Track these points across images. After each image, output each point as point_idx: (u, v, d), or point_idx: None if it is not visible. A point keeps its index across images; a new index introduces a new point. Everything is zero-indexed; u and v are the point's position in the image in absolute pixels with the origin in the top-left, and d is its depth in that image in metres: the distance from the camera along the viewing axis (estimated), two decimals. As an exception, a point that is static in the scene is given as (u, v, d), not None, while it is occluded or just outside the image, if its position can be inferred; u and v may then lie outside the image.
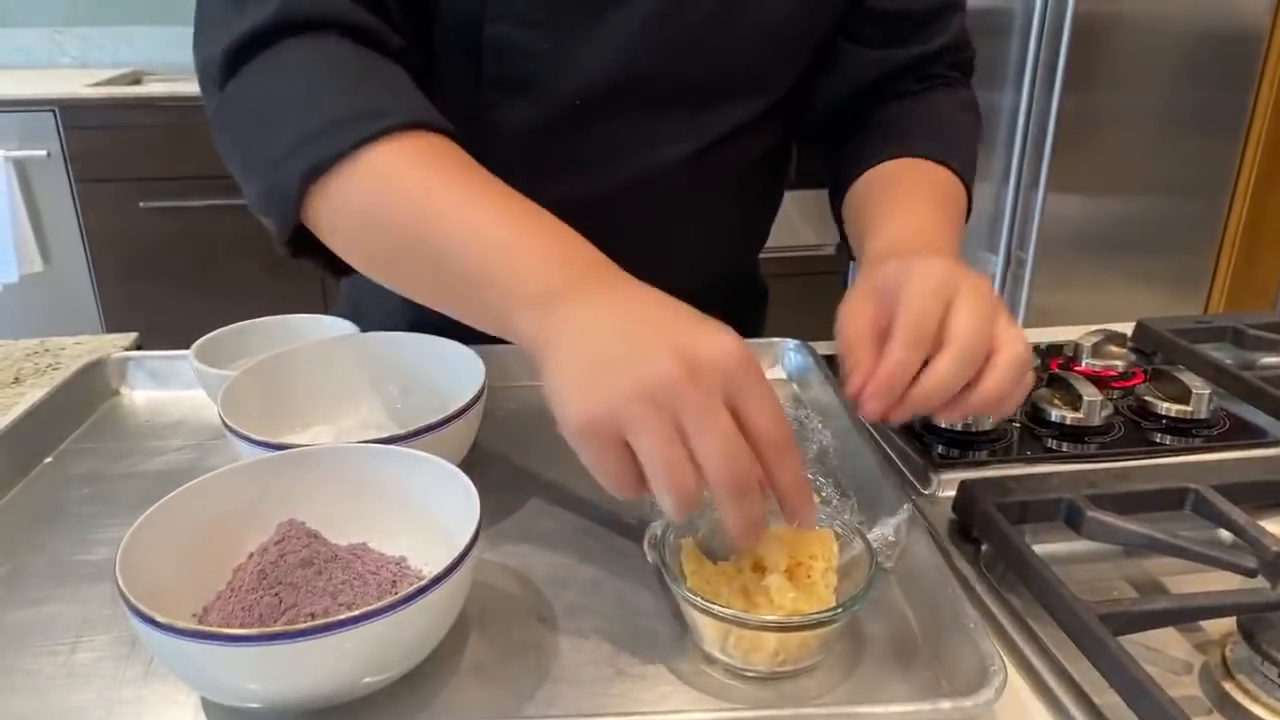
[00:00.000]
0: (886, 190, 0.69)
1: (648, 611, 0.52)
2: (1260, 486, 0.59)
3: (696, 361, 0.42)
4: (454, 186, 0.53)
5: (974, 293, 0.52)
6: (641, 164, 0.74)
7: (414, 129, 0.55)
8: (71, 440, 0.71)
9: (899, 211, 0.65)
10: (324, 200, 0.55)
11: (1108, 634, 0.46)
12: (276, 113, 0.57)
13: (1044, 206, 2.47)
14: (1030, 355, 0.52)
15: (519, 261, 0.50)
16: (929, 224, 0.63)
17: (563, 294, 0.48)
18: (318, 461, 0.53)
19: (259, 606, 0.46)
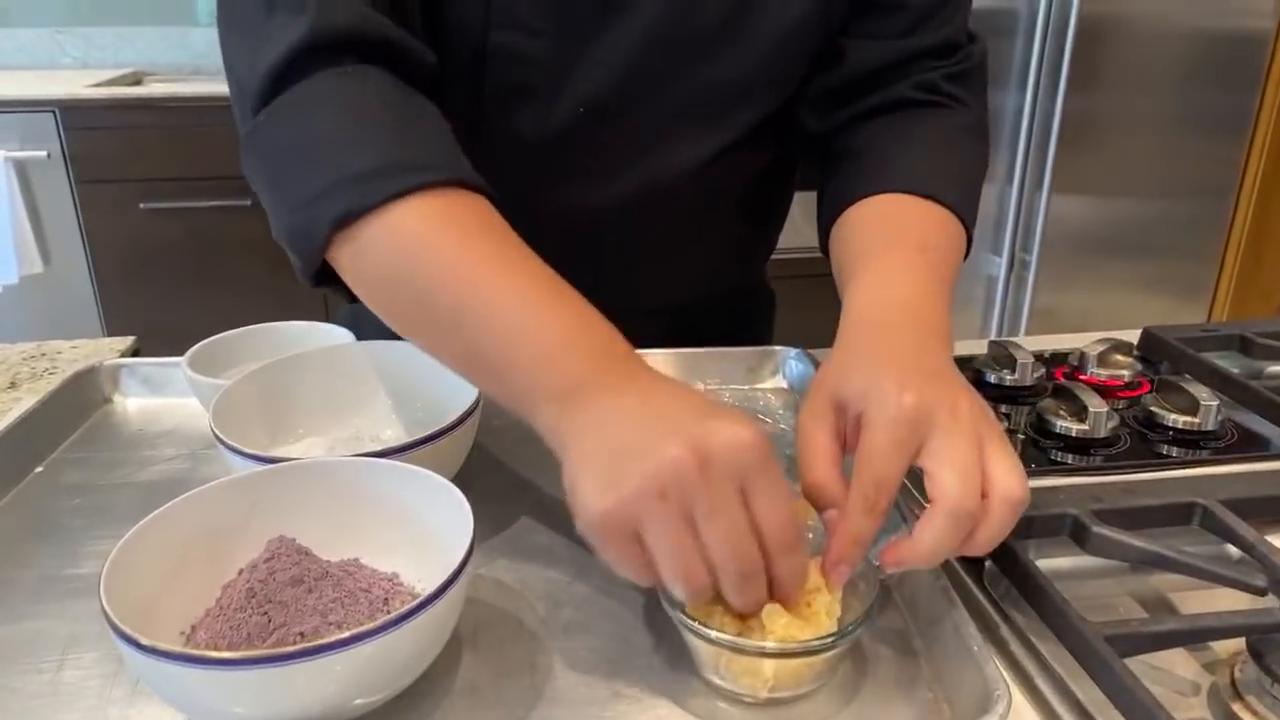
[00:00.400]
0: (868, 239, 0.62)
1: (644, 630, 0.51)
2: (1269, 501, 0.58)
3: (708, 454, 0.42)
4: (483, 257, 0.52)
5: (954, 430, 0.46)
6: (649, 173, 0.73)
7: (450, 186, 0.54)
8: (63, 449, 0.70)
9: (879, 270, 0.58)
10: (351, 247, 0.54)
11: (1114, 656, 0.45)
12: (310, 152, 0.56)
13: (1048, 208, 2.46)
14: (1026, 491, 0.47)
15: (542, 353, 0.49)
16: (912, 286, 0.56)
17: (582, 390, 0.47)
18: (309, 476, 0.53)
19: (247, 625, 0.45)
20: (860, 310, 0.56)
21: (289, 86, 0.56)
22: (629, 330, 0.81)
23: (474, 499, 0.61)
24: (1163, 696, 0.48)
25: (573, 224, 0.75)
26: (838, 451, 0.49)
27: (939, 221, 0.63)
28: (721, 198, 0.78)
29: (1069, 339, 0.89)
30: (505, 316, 0.50)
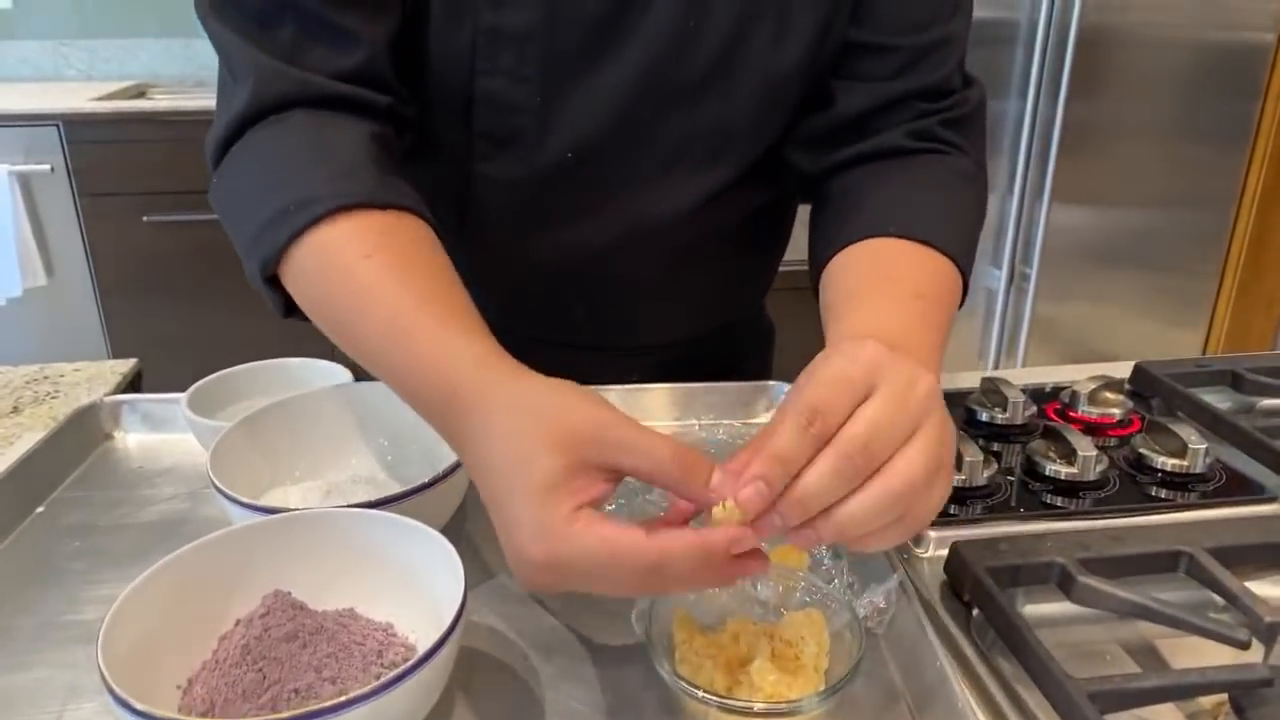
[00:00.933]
0: (858, 281, 0.60)
1: (635, 681, 0.52)
2: (1255, 549, 0.59)
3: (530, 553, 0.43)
4: (363, 279, 0.55)
5: (937, 421, 0.43)
6: (638, 215, 0.74)
7: (345, 211, 0.56)
8: (63, 488, 0.71)
9: (868, 311, 0.56)
10: (286, 281, 0.59)
11: (1097, 715, 0.45)
12: (238, 206, 0.61)
13: (1048, 218, 2.47)
14: (947, 490, 0.44)
15: (412, 392, 0.52)
16: (901, 328, 0.52)
17: (449, 433, 0.50)
18: (304, 527, 0.53)
19: (242, 683, 0.46)
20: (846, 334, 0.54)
21: (232, 148, 0.63)
22: (623, 367, 0.81)
23: (469, 540, 0.62)
24: (1147, 749, 0.49)
25: (563, 264, 0.76)
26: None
27: (935, 269, 0.61)
28: (714, 238, 0.79)
29: (1063, 372, 0.90)
30: (380, 355, 0.54)
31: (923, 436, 0.42)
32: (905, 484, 0.42)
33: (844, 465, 0.41)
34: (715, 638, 0.50)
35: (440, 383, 0.49)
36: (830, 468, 0.41)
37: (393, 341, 0.52)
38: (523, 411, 0.45)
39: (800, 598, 0.52)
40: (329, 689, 0.46)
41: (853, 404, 0.42)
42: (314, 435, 0.67)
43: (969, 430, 0.75)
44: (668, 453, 0.43)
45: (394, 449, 0.68)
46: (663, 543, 0.41)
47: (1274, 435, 0.72)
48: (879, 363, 0.43)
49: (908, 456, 0.42)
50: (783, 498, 0.41)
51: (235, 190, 0.62)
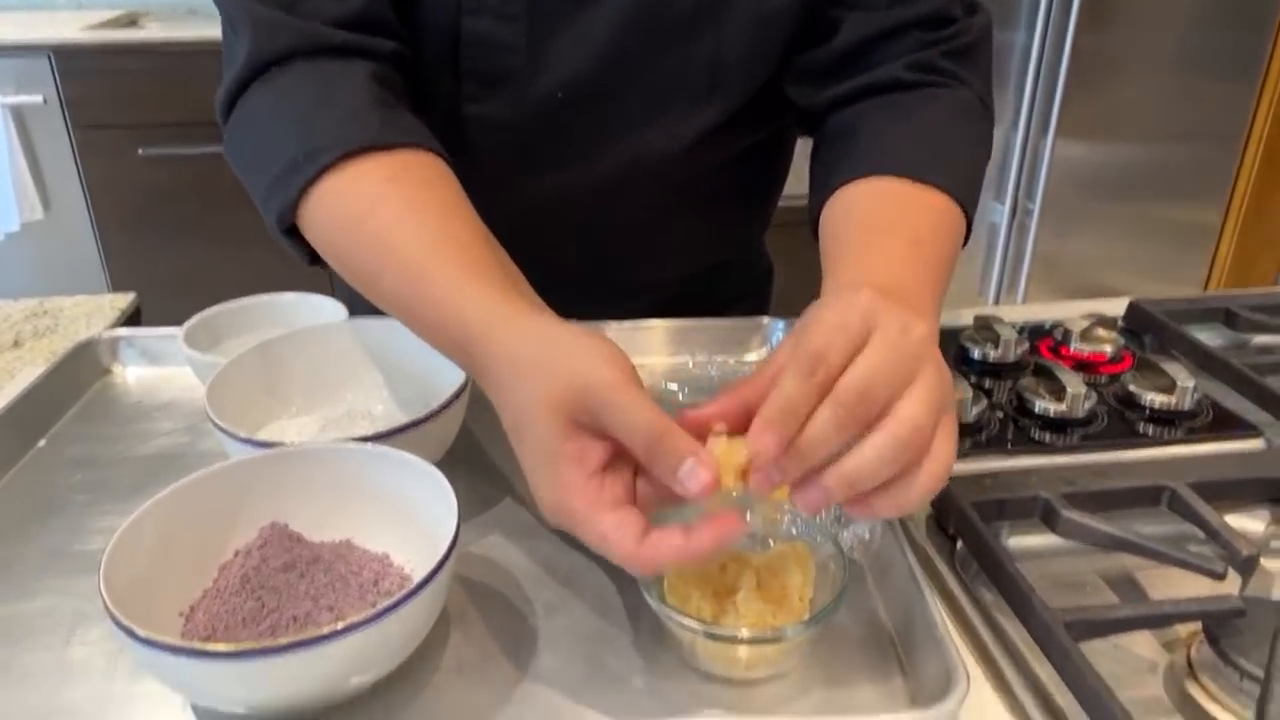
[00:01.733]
0: (856, 227, 0.59)
1: (624, 608, 0.53)
2: (1235, 484, 0.60)
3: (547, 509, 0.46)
4: (375, 227, 0.55)
5: (934, 367, 0.43)
6: (631, 154, 0.73)
7: (352, 157, 0.57)
8: (64, 422, 0.72)
9: (866, 262, 0.54)
10: (304, 231, 0.60)
11: (1071, 643, 0.47)
12: (249, 164, 0.62)
13: (1053, 151, 2.44)
14: (953, 442, 0.44)
15: (432, 333, 0.54)
16: (897, 279, 0.51)
17: (471, 369, 0.52)
18: (300, 461, 0.54)
19: (242, 610, 0.47)
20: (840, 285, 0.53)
21: (238, 103, 0.63)
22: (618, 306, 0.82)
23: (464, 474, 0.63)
24: (1120, 675, 0.51)
25: (556, 205, 0.75)
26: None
27: (935, 210, 0.59)
28: (709, 177, 0.78)
29: (1059, 309, 0.90)
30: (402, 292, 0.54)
31: (921, 382, 0.42)
32: (911, 429, 0.41)
33: (843, 414, 0.41)
34: (704, 569, 0.52)
35: (455, 333, 0.51)
36: (829, 417, 0.41)
37: (408, 290, 0.54)
38: (522, 371, 0.46)
39: (787, 529, 0.54)
40: (327, 616, 0.47)
41: (851, 352, 0.42)
42: (310, 370, 0.67)
43: (962, 367, 0.76)
44: (643, 429, 0.42)
45: (390, 383, 0.69)
46: (650, 553, 0.42)
47: (1263, 372, 0.72)
48: (874, 309, 0.43)
49: (910, 401, 0.42)
50: (830, 472, 0.42)
51: (244, 146, 0.63)
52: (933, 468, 0.43)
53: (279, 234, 0.61)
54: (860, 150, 0.64)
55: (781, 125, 0.80)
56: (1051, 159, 2.45)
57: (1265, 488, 0.60)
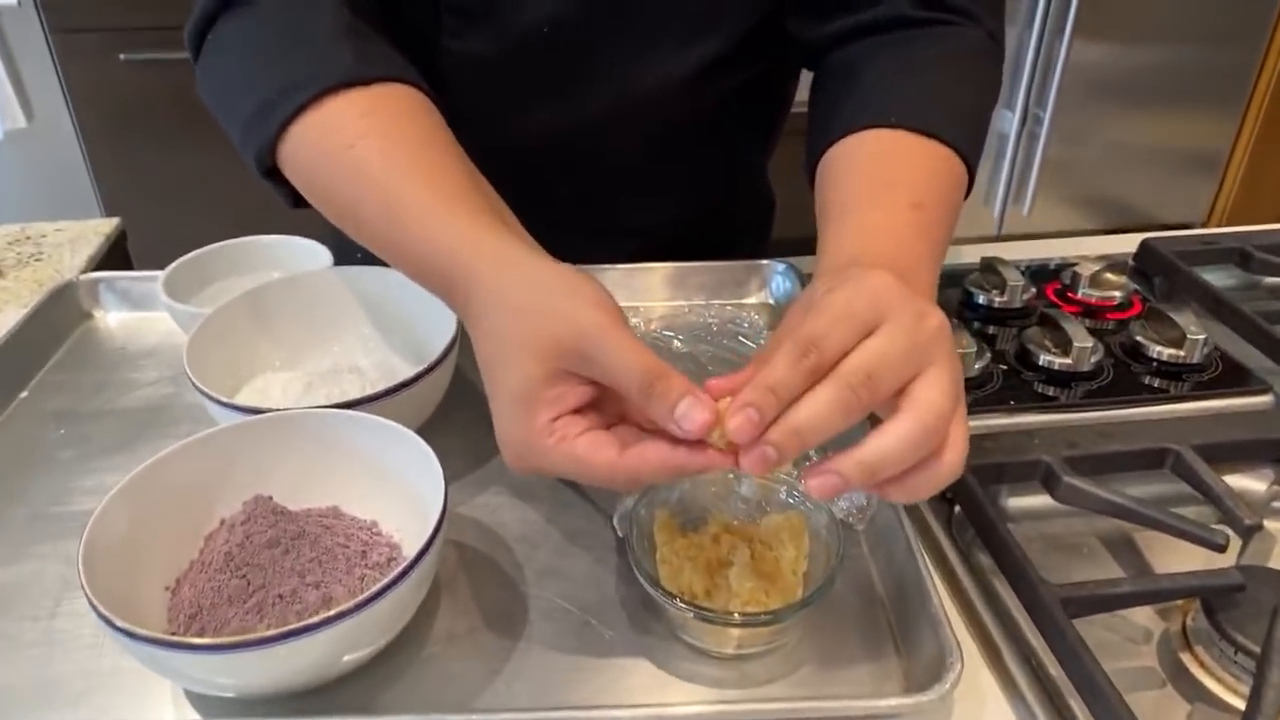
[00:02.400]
0: (855, 185, 0.56)
1: (616, 576, 0.53)
2: (1242, 446, 0.58)
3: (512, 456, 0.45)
4: (354, 163, 0.53)
5: (947, 356, 0.41)
6: (622, 90, 0.70)
7: (329, 94, 0.54)
8: (46, 371, 0.70)
9: (865, 227, 0.52)
10: (284, 171, 0.58)
11: (1067, 621, 0.46)
12: (223, 102, 0.60)
13: (1068, 55, 2.36)
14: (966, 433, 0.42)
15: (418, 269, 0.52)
16: (895, 248, 0.50)
17: (455, 304, 0.50)
18: (285, 427, 0.53)
19: (227, 588, 0.46)
20: (836, 260, 0.50)
21: (208, 38, 0.61)
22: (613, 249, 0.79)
23: (456, 431, 0.62)
24: (1114, 644, 0.51)
25: (545, 144, 0.72)
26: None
27: (936, 167, 0.56)
28: (704, 115, 0.75)
29: (1068, 245, 0.87)
30: (388, 229, 0.52)
31: (936, 369, 0.40)
32: (936, 415, 0.39)
33: (846, 395, 0.39)
34: (696, 539, 0.51)
35: (438, 267, 0.49)
36: (830, 396, 0.39)
37: (388, 225, 0.52)
38: (505, 311, 0.45)
39: (783, 498, 0.53)
40: (313, 594, 0.46)
41: (856, 338, 0.40)
42: (296, 322, 0.66)
43: (965, 313, 0.74)
44: (637, 371, 0.41)
45: (377, 335, 0.67)
46: (634, 465, 0.41)
47: (1275, 319, 0.70)
48: (887, 296, 0.41)
49: (930, 387, 0.40)
50: (776, 426, 0.39)
51: (217, 85, 0.61)
52: (951, 458, 0.41)
53: (260, 176, 0.59)
54: (862, 95, 0.61)
55: (783, 60, 0.76)
56: (1066, 63, 2.37)
57: (1272, 448, 0.59)
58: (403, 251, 0.52)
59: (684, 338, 0.72)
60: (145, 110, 2.26)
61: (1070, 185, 2.63)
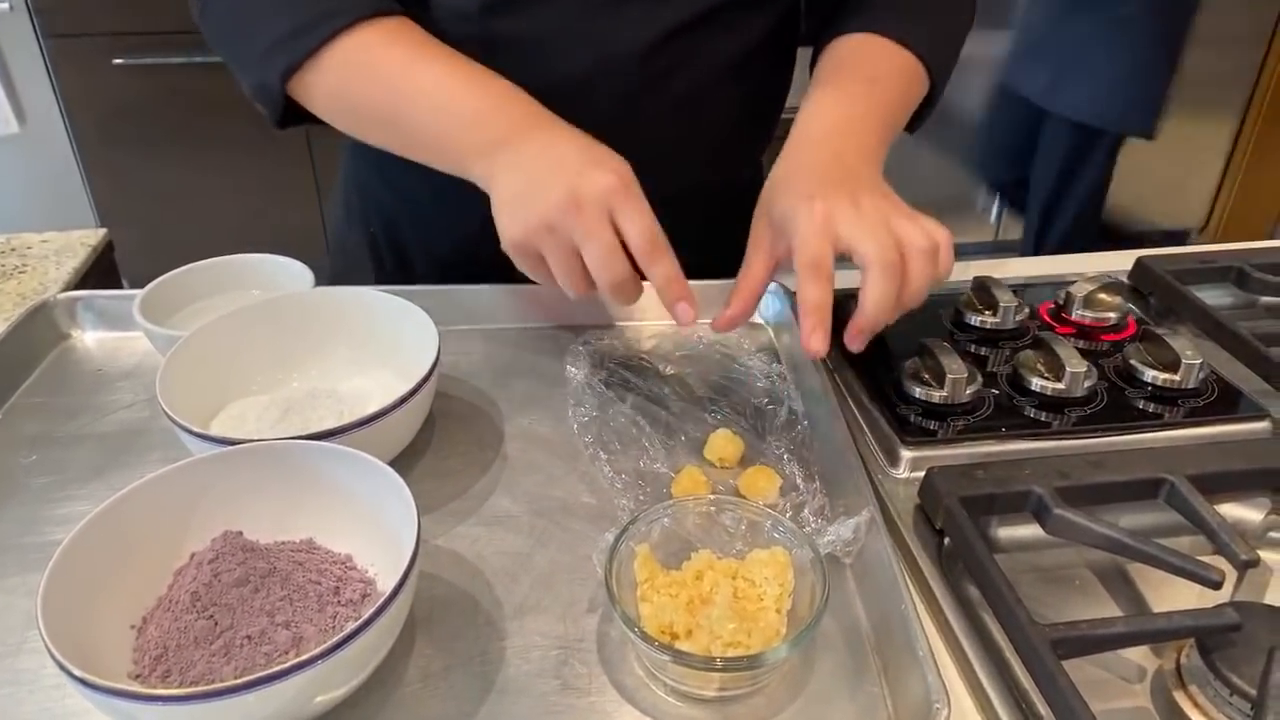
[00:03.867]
0: (827, 70, 0.71)
1: (599, 614, 0.51)
2: (1238, 475, 0.57)
3: (581, 196, 0.55)
4: (406, 59, 0.63)
5: (858, 217, 0.57)
6: (595, 54, 0.70)
7: (367, 20, 0.63)
8: (21, 392, 0.69)
9: (825, 97, 0.67)
10: (303, 88, 0.65)
11: (1057, 664, 0.45)
12: (250, 18, 0.66)
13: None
14: (934, 237, 0.57)
15: (468, 120, 0.61)
16: (847, 109, 0.66)
17: (500, 145, 0.60)
18: (259, 459, 0.52)
19: (194, 629, 0.45)
20: (799, 128, 0.66)
21: None
22: None
23: (438, 459, 0.61)
24: (1106, 682, 0.49)
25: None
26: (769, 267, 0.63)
27: (899, 64, 0.70)
28: (689, 85, 0.74)
29: (1063, 262, 0.86)
30: (432, 98, 0.62)
31: (866, 240, 0.56)
32: (886, 261, 0.57)
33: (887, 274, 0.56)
34: (678, 575, 0.50)
35: (502, 120, 0.61)
36: (882, 292, 0.56)
37: (447, 95, 0.62)
38: (569, 139, 0.60)
39: (768, 532, 0.51)
40: (283, 634, 0.45)
41: (834, 248, 0.57)
42: (271, 345, 0.64)
43: (958, 335, 0.73)
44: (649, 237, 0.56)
45: (354, 358, 0.66)
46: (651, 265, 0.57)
47: (1271, 341, 0.69)
48: (831, 209, 0.57)
49: (864, 249, 0.56)
50: (856, 327, 0.58)
51: (235, 8, 0.66)
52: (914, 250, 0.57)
53: (266, 92, 0.66)
54: (847, 15, 0.74)
55: (781, 33, 0.77)
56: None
57: (1268, 477, 0.58)
58: (455, 113, 0.61)
59: (673, 359, 0.71)
60: (138, 115, 2.25)
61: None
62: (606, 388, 0.67)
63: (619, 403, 0.66)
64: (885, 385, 0.66)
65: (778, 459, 0.61)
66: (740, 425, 0.64)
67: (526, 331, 0.76)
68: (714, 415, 0.65)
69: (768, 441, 0.63)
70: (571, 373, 0.68)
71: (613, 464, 0.61)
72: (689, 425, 0.64)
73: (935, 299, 0.76)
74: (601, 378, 0.68)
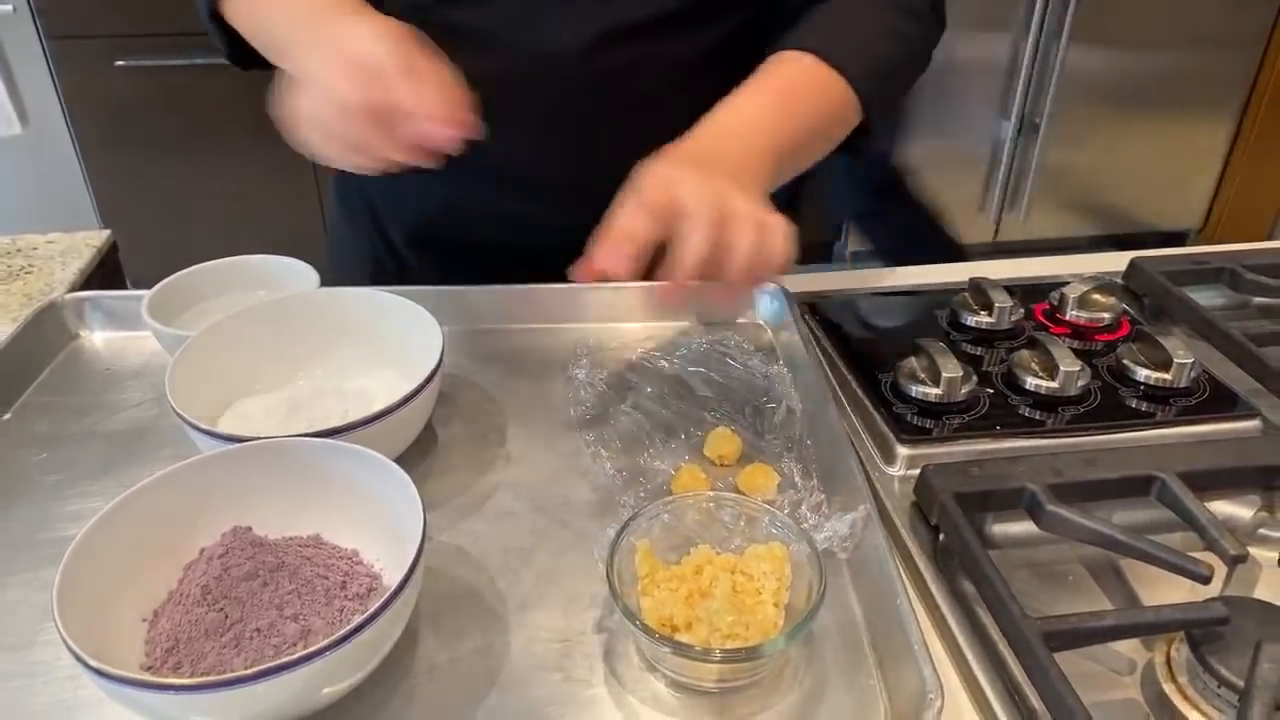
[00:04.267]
0: (752, 77, 0.69)
1: (601, 605, 0.52)
2: (1228, 473, 0.58)
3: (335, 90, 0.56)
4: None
5: (702, 182, 0.56)
6: (535, 49, 0.72)
7: None
8: (31, 391, 0.70)
9: (734, 99, 0.66)
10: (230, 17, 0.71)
11: (1049, 656, 0.46)
12: None
13: (1064, 60, 2.36)
14: (771, 218, 0.56)
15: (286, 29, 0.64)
16: (749, 112, 0.66)
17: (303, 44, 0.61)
18: (266, 456, 0.53)
19: (204, 622, 0.46)
20: (699, 126, 0.64)
21: None
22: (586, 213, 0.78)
23: (443, 456, 0.61)
24: (1097, 675, 0.50)
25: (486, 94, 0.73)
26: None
27: (819, 79, 0.69)
28: (628, 88, 0.75)
29: (1058, 263, 0.87)
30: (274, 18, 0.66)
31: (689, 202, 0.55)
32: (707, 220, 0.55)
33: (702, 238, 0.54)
34: (678, 570, 0.51)
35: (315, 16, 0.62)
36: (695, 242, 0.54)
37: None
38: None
39: (765, 528, 0.52)
40: (291, 627, 0.46)
41: (666, 199, 0.55)
42: (278, 345, 0.65)
43: (953, 335, 0.74)
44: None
45: (359, 357, 0.66)
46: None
47: (1263, 342, 0.70)
48: (677, 175, 0.57)
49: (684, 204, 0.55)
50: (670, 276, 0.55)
51: None
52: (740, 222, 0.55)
53: (208, 23, 0.73)
54: (789, 34, 0.73)
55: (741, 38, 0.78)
56: (1062, 69, 2.37)
57: (1258, 475, 0.59)
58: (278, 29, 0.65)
59: (673, 359, 0.72)
60: (140, 116, 2.26)
61: (1066, 191, 2.63)
62: (607, 387, 0.68)
63: (619, 402, 0.67)
64: (882, 384, 0.67)
65: (776, 457, 0.62)
66: (739, 423, 0.65)
67: (529, 332, 0.77)
68: (713, 414, 0.66)
69: (766, 439, 0.64)
70: (573, 373, 0.69)
71: (613, 462, 0.62)
72: (688, 424, 0.65)
73: (932, 299, 0.78)
74: (602, 377, 0.69)
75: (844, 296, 0.81)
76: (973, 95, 2.46)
